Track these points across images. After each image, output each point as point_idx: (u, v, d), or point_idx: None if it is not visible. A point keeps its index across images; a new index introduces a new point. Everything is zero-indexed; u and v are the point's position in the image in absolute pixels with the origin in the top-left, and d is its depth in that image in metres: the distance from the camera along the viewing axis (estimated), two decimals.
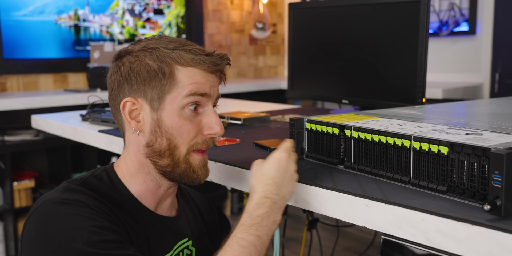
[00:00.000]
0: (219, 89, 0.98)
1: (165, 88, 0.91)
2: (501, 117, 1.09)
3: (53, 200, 0.85)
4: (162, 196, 0.98)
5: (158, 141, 0.92)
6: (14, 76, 3.19)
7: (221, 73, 0.97)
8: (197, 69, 0.92)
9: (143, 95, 0.92)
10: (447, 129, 0.88)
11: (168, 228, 0.99)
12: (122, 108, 0.94)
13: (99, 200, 0.89)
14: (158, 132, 0.92)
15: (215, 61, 0.93)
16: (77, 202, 0.85)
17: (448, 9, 3.41)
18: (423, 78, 1.48)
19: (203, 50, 0.95)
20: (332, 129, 1.01)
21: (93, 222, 0.82)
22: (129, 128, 0.95)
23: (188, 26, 3.97)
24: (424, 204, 0.76)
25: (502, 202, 0.69)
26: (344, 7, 1.76)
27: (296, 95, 2.04)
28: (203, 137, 0.94)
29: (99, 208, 0.86)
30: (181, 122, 0.91)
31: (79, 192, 0.89)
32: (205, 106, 0.94)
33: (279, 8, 4.56)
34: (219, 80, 0.97)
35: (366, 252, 2.58)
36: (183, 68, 0.92)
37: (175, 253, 0.99)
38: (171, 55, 0.92)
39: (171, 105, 0.91)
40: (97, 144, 1.59)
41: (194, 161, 0.94)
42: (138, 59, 0.92)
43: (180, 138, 0.92)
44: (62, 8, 3.36)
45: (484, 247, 0.67)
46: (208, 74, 0.94)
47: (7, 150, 2.73)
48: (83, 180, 0.93)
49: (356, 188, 0.86)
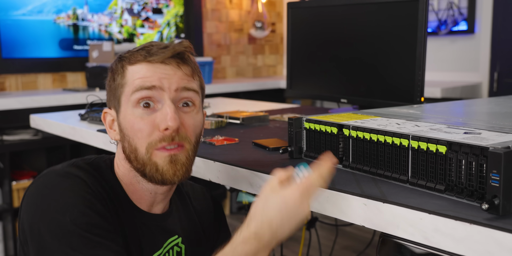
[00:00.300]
0: (186, 80, 0.90)
1: (118, 90, 0.91)
2: (499, 116, 1.09)
3: (56, 172, 0.88)
4: (152, 200, 0.97)
5: (125, 145, 0.91)
6: (12, 76, 3.18)
7: (179, 63, 0.89)
8: (144, 63, 0.88)
9: (112, 104, 0.94)
10: (445, 128, 0.88)
11: (158, 225, 0.99)
12: (103, 119, 0.97)
13: (100, 182, 0.90)
14: (122, 136, 0.92)
15: (163, 51, 0.88)
16: (78, 178, 0.86)
17: (446, 8, 3.41)
18: (421, 77, 1.48)
19: (162, 44, 0.91)
20: (331, 128, 1.01)
21: (87, 203, 0.83)
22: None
23: (187, 25, 3.97)
24: (422, 203, 0.76)
25: (500, 201, 0.69)
26: (343, 6, 1.76)
27: (295, 94, 2.04)
28: (160, 134, 0.87)
29: (97, 190, 0.87)
30: (132, 121, 0.88)
31: (84, 170, 0.89)
32: (162, 101, 0.88)
33: (278, 7, 4.55)
34: (178, 70, 0.89)
35: (365, 251, 2.58)
36: (131, 66, 0.90)
37: (165, 250, 0.99)
38: (126, 57, 0.91)
39: (125, 106, 0.90)
40: (96, 144, 1.59)
41: (159, 159, 0.88)
42: (109, 71, 0.95)
43: (136, 138, 0.88)
44: (60, 7, 3.35)
45: (482, 246, 0.67)
46: (158, 65, 0.88)
47: (6, 150, 2.73)
48: (92, 160, 0.95)
49: (354, 187, 0.87)
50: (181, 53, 0.90)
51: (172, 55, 0.89)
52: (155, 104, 0.88)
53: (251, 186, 1.03)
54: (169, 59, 0.89)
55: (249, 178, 1.03)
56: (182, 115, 0.90)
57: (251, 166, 1.05)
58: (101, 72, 3.07)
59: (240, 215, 3.60)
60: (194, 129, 0.92)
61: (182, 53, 0.91)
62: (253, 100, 2.72)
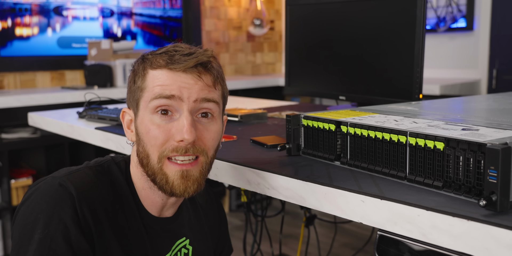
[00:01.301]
0: (207, 90, 0.87)
1: (137, 94, 0.89)
2: (497, 113, 1.09)
3: (53, 181, 0.85)
4: (163, 205, 0.96)
5: (139, 150, 0.90)
6: (11, 74, 3.18)
7: (201, 72, 0.87)
8: (165, 70, 0.86)
9: (131, 105, 0.93)
10: (443, 125, 0.88)
11: (167, 228, 0.98)
12: (122, 119, 0.95)
13: (101, 191, 0.87)
14: (137, 140, 0.91)
15: (185, 58, 0.85)
16: (69, 195, 0.83)
17: (445, 5, 3.40)
18: (420, 74, 1.48)
19: (186, 49, 0.88)
20: (329, 125, 1.01)
21: (62, 226, 0.81)
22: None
23: (185, 23, 3.97)
24: (420, 200, 0.76)
25: (498, 198, 0.69)
26: (341, 3, 1.75)
27: (294, 91, 2.04)
28: (174, 144, 0.85)
29: (88, 208, 0.84)
30: (148, 127, 0.86)
31: (84, 181, 0.87)
32: (180, 111, 0.86)
33: (277, 5, 4.55)
34: (199, 81, 0.86)
35: (364, 248, 2.58)
36: (153, 71, 0.88)
37: (173, 253, 0.99)
38: (148, 60, 0.89)
39: (143, 111, 0.88)
40: (94, 142, 1.59)
41: (170, 171, 0.87)
42: (132, 69, 0.93)
43: (149, 144, 0.87)
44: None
45: (480, 242, 0.67)
46: (179, 73, 0.86)
47: (4, 148, 2.73)
48: (103, 162, 0.93)
49: (352, 184, 0.86)
50: (204, 63, 0.88)
51: (195, 65, 0.87)
52: (173, 113, 0.86)
53: (249, 184, 1.03)
54: (191, 68, 0.86)
55: (247, 175, 1.03)
56: (200, 127, 0.87)
57: (249, 163, 1.05)
58: (100, 70, 3.07)
59: (239, 213, 3.60)
60: (212, 141, 0.90)
61: (206, 63, 0.88)
62: (252, 97, 2.72)
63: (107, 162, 0.94)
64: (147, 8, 3.79)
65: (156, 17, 3.85)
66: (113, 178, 0.92)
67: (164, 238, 0.97)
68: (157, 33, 3.86)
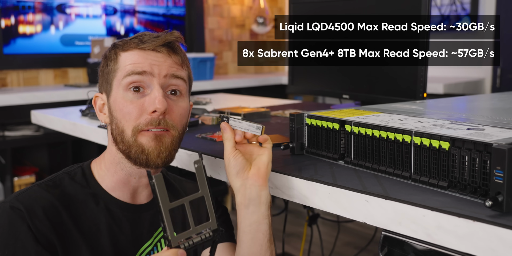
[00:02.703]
0: (175, 68, 0.95)
1: (111, 75, 0.95)
2: (502, 112, 1.09)
3: (5, 205, 0.89)
4: (136, 186, 0.99)
5: (113, 128, 0.94)
6: (14, 71, 3.18)
7: (170, 52, 0.94)
8: (136, 50, 0.93)
9: (103, 89, 0.98)
10: (448, 124, 0.88)
11: (143, 216, 0.99)
12: (94, 103, 1.00)
13: (52, 202, 0.91)
14: (111, 119, 0.95)
15: (155, 39, 0.93)
16: (20, 214, 0.87)
17: (449, 3, 3.39)
18: (424, 73, 1.47)
19: (155, 33, 0.96)
20: (333, 124, 1.00)
21: (20, 244, 0.85)
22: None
23: (188, 21, 3.96)
24: (425, 200, 0.76)
25: (504, 198, 0.68)
26: (344, 1, 1.75)
27: (297, 90, 2.03)
28: (148, 117, 0.91)
29: (40, 221, 0.88)
30: (122, 104, 0.92)
31: (35, 196, 0.90)
32: (151, 86, 0.92)
33: (280, 3, 4.54)
34: (168, 58, 0.94)
35: (367, 248, 2.58)
36: (124, 53, 0.94)
37: (155, 240, 1.00)
38: (119, 45, 0.96)
39: (116, 90, 0.93)
40: (96, 140, 1.59)
41: (144, 140, 0.91)
42: (102, 58, 0.99)
43: (124, 120, 0.92)
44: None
45: (486, 243, 0.67)
46: (149, 52, 0.93)
47: (8, 146, 2.73)
48: (53, 177, 0.97)
49: (356, 184, 0.86)
50: (172, 42, 0.96)
51: (163, 44, 0.94)
52: (145, 89, 0.92)
53: None
54: (161, 47, 0.94)
55: None
56: (170, 102, 0.93)
57: None
58: None
59: None
60: (180, 117, 0.95)
61: (173, 43, 0.96)
62: (255, 96, 2.71)
63: (59, 175, 0.98)
64: (150, 6, 3.79)
65: (159, 15, 3.84)
66: (65, 188, 0.95)
67: (140, 226, 0.99)
68: (160, 31, 3.85)
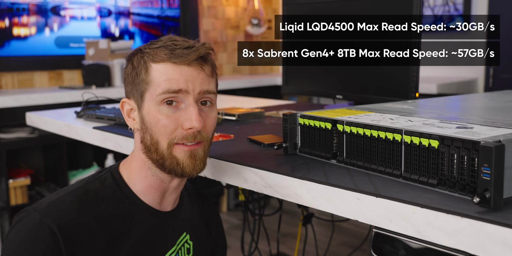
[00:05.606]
0: (207, 81, 0.94)
1: (143, 87, 0.94)
2: (492, 111, 1.10)
3: (34, 215, 0.88)
4: (166, 191, 1.01)
5: (146, 137, 0.95)
6: (8, 74, 3.18)
7: (202, 64, 0.93)
8: (169, 64, 0.92)
9: (132, 96, 0.97)
10: (438, 123, 0.89)
11: (169, 223, 1.01)
12: (121, 108, 1.00)
13: (84, 214, 0.91)
14: (144, 129, 0.95)
15: (187, 52, 0.91)
16: (49, 233, 0.86)
17: (442, 4, 3.41)
18: (416, 73, 1.49)
19: (184, 43, 0.93)
20: (325, 124, 1.01)
21: None
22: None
23: (183, 22, 3.97)
24: (415, 197, 0.77)
25: (491, 195, 0.70)
26: (338, 2, 1.76)
27: (291, 91, 2.04)
28: (183, 131, 0.92)
29: (73, 240, 0.88)
30: (157, 117, 0.92)
31: (64, 213, 0.90)
32: (185, 101, 0.92)
33: (274, 4, 4.55)
34: (201, 72, 0.93)
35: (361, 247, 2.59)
36: (156, 65, 0.93)
37: (178, 247, 1.03)
38: (149, 54, 0.94)
39: (149, 103, 0.93)
40: (92, 141, 1.59)
41: (178, 154, 0.94)
42: (129, 63, 0.97)
43: (159, 133, 0.93)
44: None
45: (474, 239, 0.68)
46: (183, 67, 0.92)
47: (2, 148, 2.73)
48: (84, 183, 0.97)
49: (348, 182, 0.87)
50: (204, 55, 0.94)
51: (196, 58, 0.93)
52: (178, 103, 0.93)
53: (246, 182, 1.04)
54: (193, 61, 0.92)
55: (244, 174, 1.04)
56: (203, 115, 0.94)
57: (246, 162, 1.05)
58: (97, 70, 3.07)
59: (237, 212, 3.61)
60: (212, 127, 0.98)
61: (206, 55, 0.94)
62: (250, 97, 2.72)
63: (89, 181, 0.97)
64: (145, 7, 3.79)
65: (153, 16, 3.85)
66: (96, 193, 0.95)
67: (167, 233, 1.01)
68: (154, 32, 3.87)
